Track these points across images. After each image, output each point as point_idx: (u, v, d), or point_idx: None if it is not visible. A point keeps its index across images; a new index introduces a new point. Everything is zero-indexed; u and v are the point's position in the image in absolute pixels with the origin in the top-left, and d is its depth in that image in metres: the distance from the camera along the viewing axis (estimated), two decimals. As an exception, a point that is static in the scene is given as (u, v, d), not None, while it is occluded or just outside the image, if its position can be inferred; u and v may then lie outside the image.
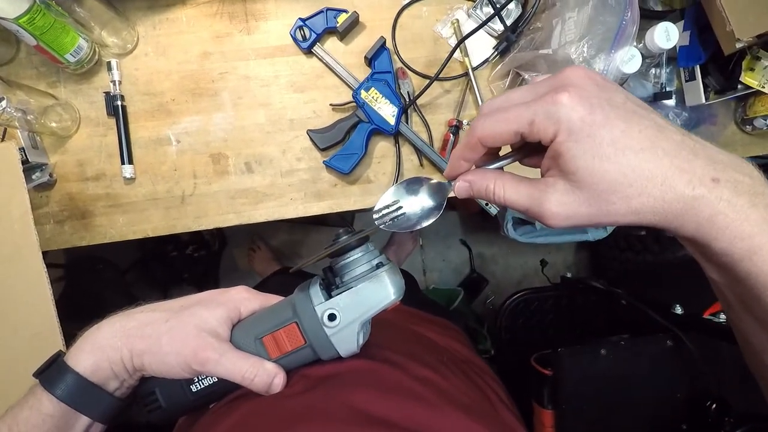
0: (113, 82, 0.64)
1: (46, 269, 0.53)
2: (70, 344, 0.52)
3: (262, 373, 0.35)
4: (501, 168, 0.31)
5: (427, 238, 1.70)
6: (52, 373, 0.34)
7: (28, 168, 0.61)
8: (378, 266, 0.35)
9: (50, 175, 0.64)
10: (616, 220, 0.26)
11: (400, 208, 0.33)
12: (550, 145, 0.26)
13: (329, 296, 0.35)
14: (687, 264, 1.23)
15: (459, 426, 0.32)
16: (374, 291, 0.34)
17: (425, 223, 0.32)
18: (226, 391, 0.37)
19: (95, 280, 1.18)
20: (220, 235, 1.54)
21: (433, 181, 0.33)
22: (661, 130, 0.25)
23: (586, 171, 0.25)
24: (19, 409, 0.33)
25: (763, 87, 0.71)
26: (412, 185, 0.33)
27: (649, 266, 1.32)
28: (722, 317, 0.80)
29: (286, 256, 1.63)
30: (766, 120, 0.74)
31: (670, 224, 0.25)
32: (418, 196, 0.33)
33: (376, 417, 0.31)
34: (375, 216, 0.33)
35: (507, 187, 0.29)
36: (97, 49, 0.64)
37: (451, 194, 0.32)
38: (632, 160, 0.24)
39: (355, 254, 0.35)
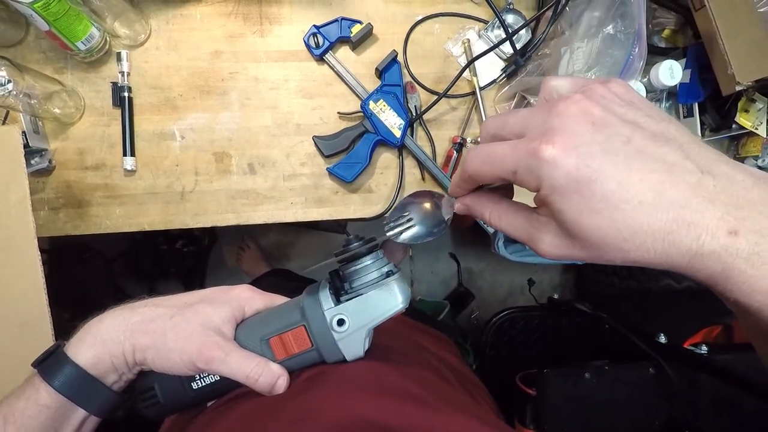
0: (122, 73, 0.64)
1: (40, 257, 0.52)
2: (57, 333, 0.51)
3: (266, 374, 0.35)
4: (504, 187, 0.31)
5: (417, 249, 1.71)
6: (51, 363, 0.34)
7: (28, 153, 0.60)
8: (388, 274, 0.36)
9: (49, 161, 0.63)
10: (615, 264, 0.24)
11: (410, 220, 0.34)
12: (537, 193, 0.24)
13: (338, 301, 0.36)
14: (669, 294, 1.25)
15: (460, 425, 0.32)
16: (383, 299, 0.35)
17: (431, 237, 0.33)
18: (226, 389, 0.37)
19: (81, 268, 1.16)
20: (211, 231, 1.53)
21: (441, 196, 0.34)
22: (672, 171, 0.22)
23: (574, 225, 0.23)
24: (16, 399, 0.33)
25: (756, 128, 0.74)
26: (421, 198, 0.34)
27: (633, 293, 1.35)
28: (703, 348, 0.82)
29: (275, 257, 1.62)
30: (756, 160, 0.77)
31: (676, 271, 0.23)
32: (426, 210, 0.34)
33: (375, 422, 0.31)
34: (386, 227, 0.33)
35: (503, 218, 0.29)
36: (108, 39, 0.63)
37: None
38: (627, 215, 0.21)
39: (366, 261, 0.36)
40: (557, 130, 0.23)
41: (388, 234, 0.34)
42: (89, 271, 1.20)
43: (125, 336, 0.34)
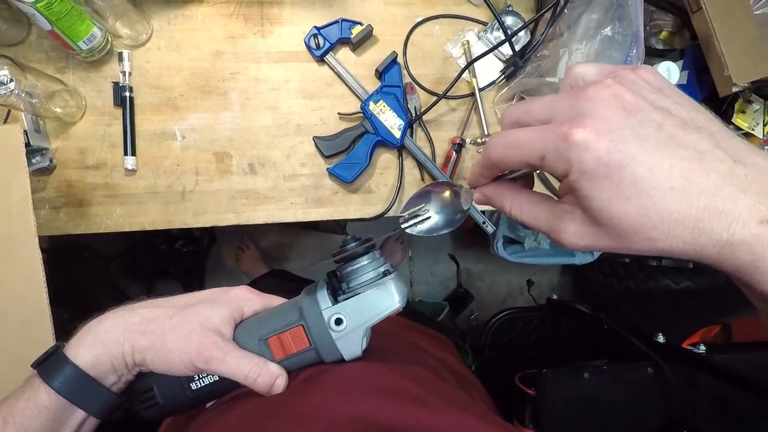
0: (123, 72, 0.64)
1: (41, 256, 0.52)
2: (56, 332, 0.51)
3: (265, 374, 0.35)
4: (524, 176, 0.31)
5: (417, 250, 1.71)
6: (51, 364, 0.34)
7: (29, 152, 0.60)
8: (384, 274, 0.36)
9: (50, 160, 0.63)
10: (642, 254, 0.24)
11: (426, 212, 0.33)
12: (564, 179, 0.24)
13: (336, 301, 0.36)
14: (668, 295, 1.26)
15: (458, 424, 0.32)
16: (380, 298, 0.35)
17: (449, 229, 0.32)
18: (225, 390, 0.37)
19: (80, 267, 1.16)
20: (210, 231, 1.53)
21: (458, 188, 0.33)
22: (703, 159, 0.21)
23: (602, 212, 0.23)
24: (15, 399, 0.33)
25: (753, 129, 0.74)
26: (439, 189, 0.34)
27: (631, 293, 1.35)
28: (702, 348, 0.82)
29: (274, 258, 1.62)
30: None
31: (704, 262, 0.22)
32: (443, 202, 0.33)
33: (374, 420, 0.31)
34: (401, 219, 0.33)
35: (524, 208, 0.28)
36: (109, 39, 0.63)
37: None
38: (657, 202, 0.21)
39: (363, 261, 0.36)
40: (588, 114, 0.22)
41: (402, 226, 0.33)
42: (88, 271, 1.20)
43: (124, 337, 0.34)
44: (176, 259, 1.40)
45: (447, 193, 0.33)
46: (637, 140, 0.22)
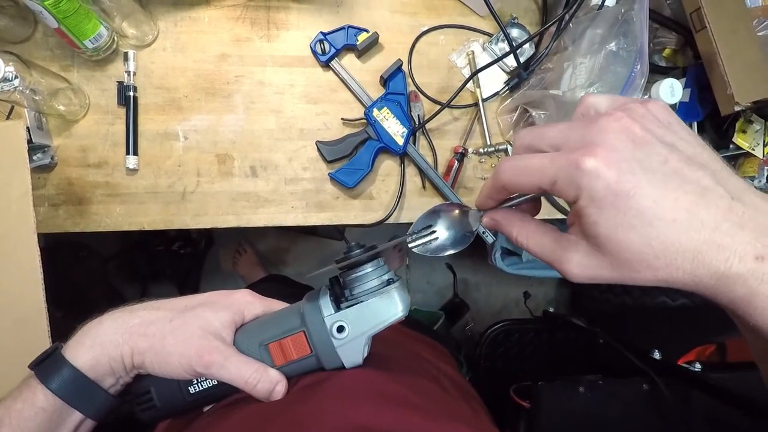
0: (128, 72, 0.64)
1: (39, 254, 0.52)
2: (51, 331, 0.51)
3: (265, 380, 0.35)
4: (533, 200, 0.31)
5: (414, 259, 1.71)
6: (49, 365, 0.33)
7: (31, 149, 0.59)
8: (388, 282, 0.36)
9: (52, 157, 0.63)
10: (643, 284, 0.24)
11: (433, 233, 0.33)
12: (573, 205, 0.25)
13: (338, 308, 0.36)
14: (664, 311, 1.25)
15: None
16: (384, 306, 0.35)
17: (456, 250, 0.33)
18: (223, 394, 0.37)
19: (76, 267, 1.15)
20: (208, 234, 1.52)
21: (466, 209, 0.34)
22: (705, 195, 0.22)
23: (607, 239, 0.23)
24: (12, 400, 0.33)
25: (753, 149, 0.75)
26: (446, 211, 0.34)
27: (627, 309, 1.35)
28: (697, 366, 0.82)
29: (272, 262, 1.62)
30: (753, 181, 0.78)
31: (701, 293, 0.23)
32: (451, 222, 0.33)
33: (374, 428, 0.31)
34: (408, 239, 0.33)
35: (530, 237, 0.29)
36: (115, 39, 0.64)
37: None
38: (661, 232, 0.22)
39: (367, 269, 0.36)
40: (599, 144, 0.23)
41: (410, 245, 0.33)
42: (85, 270, 1.19)
43: (124, 339, 0.34)
44: (173, 261, 1.39)
45: (456, 215, 0.33)
46: (643, 172, 0.22)
